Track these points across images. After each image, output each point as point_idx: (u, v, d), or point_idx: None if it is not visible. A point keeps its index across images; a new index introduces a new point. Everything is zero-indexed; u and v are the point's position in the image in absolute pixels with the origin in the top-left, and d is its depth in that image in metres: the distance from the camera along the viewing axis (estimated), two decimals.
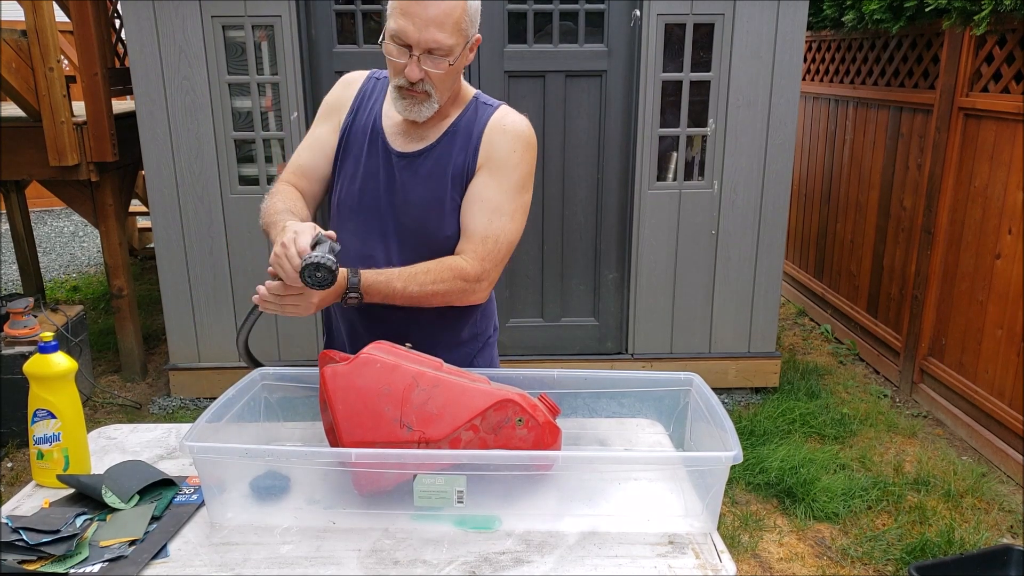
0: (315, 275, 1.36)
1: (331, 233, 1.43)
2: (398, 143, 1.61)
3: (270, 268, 1.44)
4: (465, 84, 1.67)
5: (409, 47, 1.48)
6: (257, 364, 1.65)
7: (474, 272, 1.57)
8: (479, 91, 1.69)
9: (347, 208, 1.64)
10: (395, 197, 1.60)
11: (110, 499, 1.37)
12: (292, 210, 1.57)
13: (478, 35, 1.57)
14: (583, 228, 3.83)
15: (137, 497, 1.39)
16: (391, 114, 1.61)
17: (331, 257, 1.36)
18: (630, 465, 1.45)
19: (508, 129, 1.60)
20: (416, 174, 1.59)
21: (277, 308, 1.48)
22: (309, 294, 1.45)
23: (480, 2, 1.56)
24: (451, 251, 1.60)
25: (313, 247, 1.38)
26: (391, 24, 1.49)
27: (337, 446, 1.37)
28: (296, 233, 1.40)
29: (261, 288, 1.48)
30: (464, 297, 1.59)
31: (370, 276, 1.50)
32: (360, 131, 1.63)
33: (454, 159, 1.59)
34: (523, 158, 1.60)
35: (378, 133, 1.62)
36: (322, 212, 1.80)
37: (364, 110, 1.64)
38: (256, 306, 1.52)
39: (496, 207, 1.58)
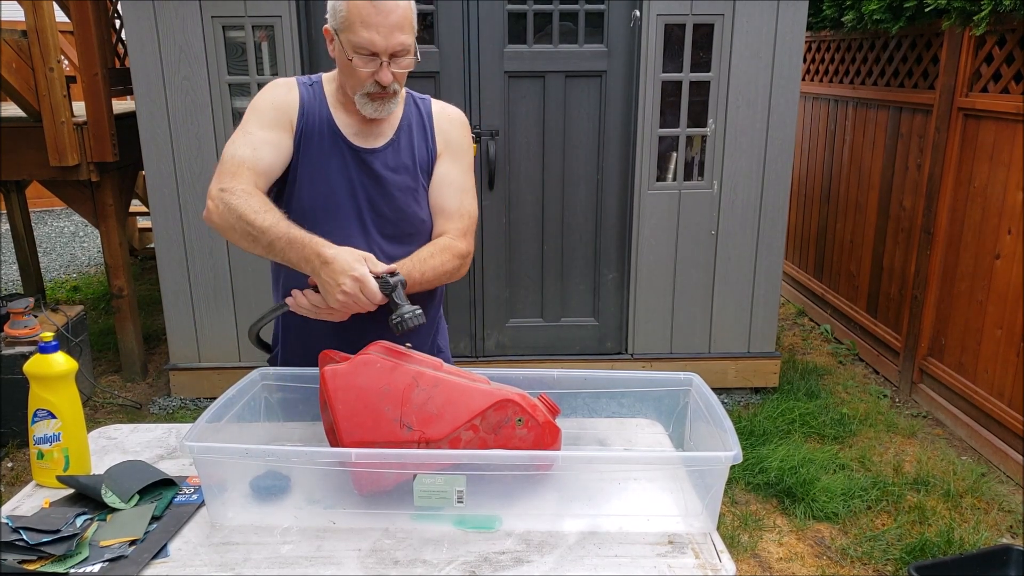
0: (404, 328, 1.42)
1: (393, 268, 1.49)
2: (360, 141, 1.68)
3: (312, 280, 1.49)
4: None
5: (375, 54, 1.54)
6: (268, 349, 1.74)
7: (464, 248, 1.70)
8: None
9: (318, 209, 1.65)
10: (372, 190, 1.67)
11: (110, 499, 1.37)
12: (286, 219, 1.52)
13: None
14: (583, 228, 3.83)
15: (137, 497, 1.39)
16: (341, 117, 1.67)
17: (418, 311, 1.43)
18: (630, 465, 1.45)
19: (454, 118, 1.76)
20: (388, 167, 1.68)
21: (311, 314, 1.54)
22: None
23: None
24: (426, 232, 1.72)
25: (383, 283, 1.43)
26: (352, 38, 1.53)
27: (337, 446, 1.37)
28: (365, 261, 1.44)
29: (298, 294, 1.53)
30: (458, 273, 1.70)
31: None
32: (312, 135, 1.65)
33: (416, 149, 1.70)
34: (470, 142, 1.79)
35: (337, 135, 1.66)
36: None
37: (312, 115, 1.66)
38: (284, 304, 1.55)
39: (462, 186, 1.73)
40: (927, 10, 3.49)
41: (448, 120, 1.75)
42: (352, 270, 1.41)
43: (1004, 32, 3.20)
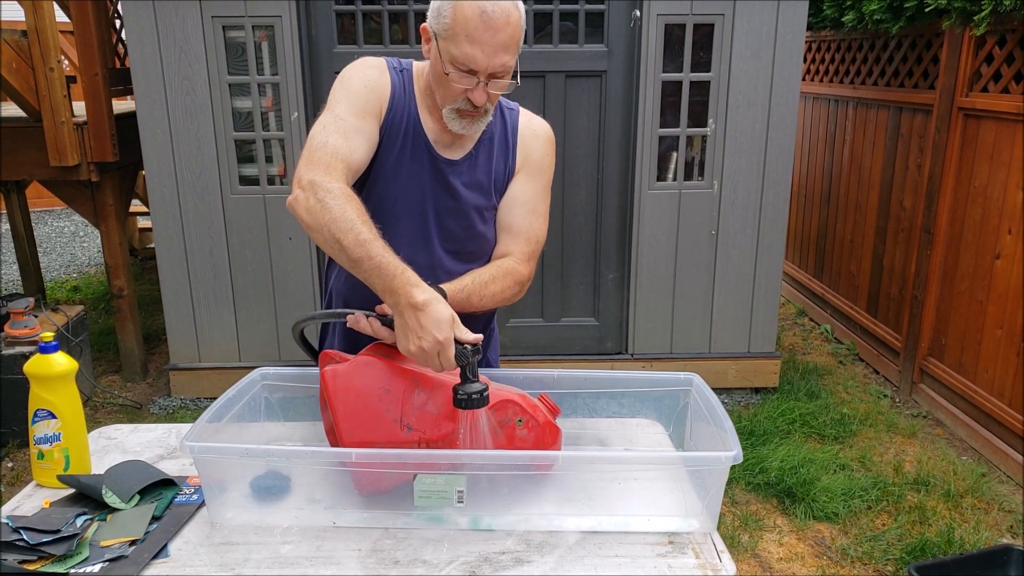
0: (465, 407, 1.32)
1: (477, 339, 1.35)
2: (442, 150, 1.59)
3: (383, 310, 1.43)
4: None
5: (474, 72, 1.43)
6: (311, 353, 1.64)
7: (527, 274, 1.64)
8: None
9: (384, 211, 1.55)
10: (444, 203, 1.59)
11: (110, 499, 1.37)
12: (380, 238, 1.39)
13: None
14: (583, 228, 3.83)
15: (137, 497, 1.39)
16: (426, 118, 1.58)
17: (485, 392, 1.32)
18: (630, 465, 1.45)
19: (540, 133, 1.66)
20: (463, 180, 1.60)
21: (370, 334, 1.45)
22: None
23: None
24: (488, 252, 1.65)
25: (460, 353, 1.32)
26: (452, 49, 1.42)
27: (337, 446, 1.37)
28: (452, 327, 1.31)
29: (361, 318, 1.44)
30: (516, 298, 1.64)
31: (454, 297, 1.49)
32: (398, 131, 1.55)
33: (495, 166, 1.62)
34: (551, 161, 1.68)
35: (420, 137, 1.57)
36: None
37: (401, 109, 1.55)
38: (343, 315, 1.47)
39: (533, 208, 1.64)
40: (927, 10, 3.49)
41: (533, 136, 1.65)
42: (439, 331, 1.29)
43: (1004, 32, 3.20)
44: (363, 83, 1.53)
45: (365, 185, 1.56)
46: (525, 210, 1.63)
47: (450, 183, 1.58)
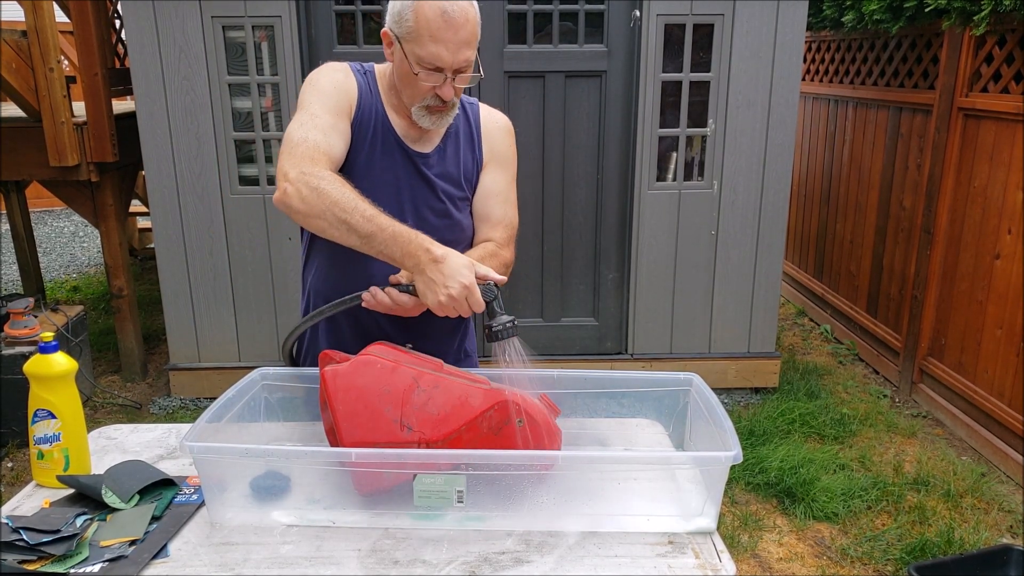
0: (498, 338, 1.42)
1: (501, 279, 1.48)
2: (411, 144, 1.65)
3: (398, 279, 1.49)
4: None
5: (441, 69, 1.50)
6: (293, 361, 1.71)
7: (509, 257, 1.72)
8: None
9: None
10: (419, 192, 1.65)
11: (110, 499, 1.37)
12: (385, 212, 1.47)
13: None
14: (583, 228, 3.83)
15: (137, 497, 1.39)
16: (393, 116, 1.64)
17: (514, 321, 1.44)
18: (630, 465, 1.45)
19: (502, 125, 1.76)
20: (435, 171, 1.66)
21: (384, 311, 1.50)
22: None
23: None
24: (466, 242, 1.71)
25: (485, 290, 1.43)
26: (418, 50, 1.48)
27: (337, 446, 1.37)
28: (472, 269, 1.41)
29: (377, 292, 1.48)
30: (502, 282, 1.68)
31: None
32: (367, 128, 1.62)
33: (463, 158, 1.69)
34: (515, 151, 1.78)
35: (390, 132, 1.63)
36: None
37: (367, 107, 1.62)
38: (356, 297, 1.50)
39: (507, 198, 1.74)
40: (927, 10, 3.49)
41: (496, 128, 1.74)
42: (463, 276, 1.38)
43: (1004, 32, 3.20)
44: (332, 84, 1.60)
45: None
46: (499, 200, 1.73)
47: (424, 173, 1.65)
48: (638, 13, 3.52)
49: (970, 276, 3.49)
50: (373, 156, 1.62)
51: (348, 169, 1.60)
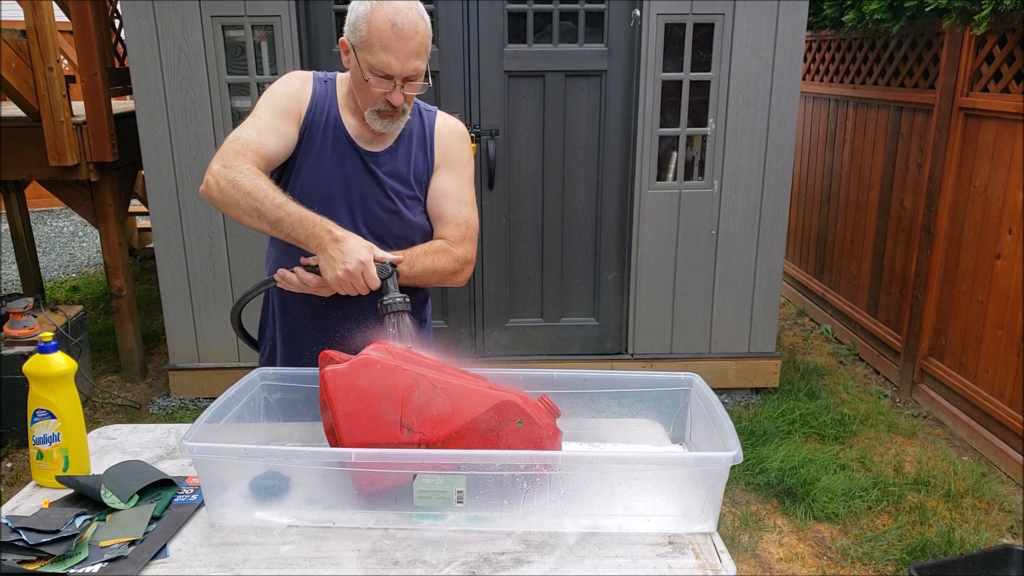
0: (387, 311, 1.53)
1: (397, 259, 1.61)
2: (364, 144, 1.75)
3: (307, 261, 1.59)
4: None
5: (390, 77, 1.60)
6: (252, 342, 1.86)
7: (462, 254, 1.77)
8: None
9: (313, 199, 1.69)
10: (367, 188, 1.74)
11: (110, 499, 1.37)
12: (293, 200, 1.60)
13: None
14: (583, 228, 3.83)
15: (137, 497, 1.39)
16: (348, 118, 1.74)
17: (405, 299, 1.55)
18: (630, 465, 1.45)
19: (455, 131, 1.83)
20: (384, 169, 1.75)
21: (297, 290, 1.63)
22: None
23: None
24: (414, 238, 1.78)
25: (380, 268, 1.54)
26: (370, 58, 1.59)
27: (337, 447, 1.36)
28: (371, 251, 1.54)
29: (286, 272, 1.61)
30: (455, 277, 1.77)
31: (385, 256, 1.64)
32: (318, 128, 1.72)
33: (414, 159, 1.77)
34: (470, 154, 1.86)
35: (342, 132, 1.73)
36: None
37: (321, 110, 1.73)
38: (271, 280, 1.64)
39: (460, 198, 1.80)
40: (928, 9, 3.48)
41: (449, 132, 1.81)
42: (360, 254, 1.51)
43: (1005, 32, 3.20)
44: (285, 91, 1.73)
45: (290, 178, 1.74)
46: (452, 200, 1.79)
47: (371, 169, 1.74)
48: (638, 12, 3.52)
49: (971, 276, 3.49)
50: (324, 152, 1.72)
51: (299, 165, 1.72)
